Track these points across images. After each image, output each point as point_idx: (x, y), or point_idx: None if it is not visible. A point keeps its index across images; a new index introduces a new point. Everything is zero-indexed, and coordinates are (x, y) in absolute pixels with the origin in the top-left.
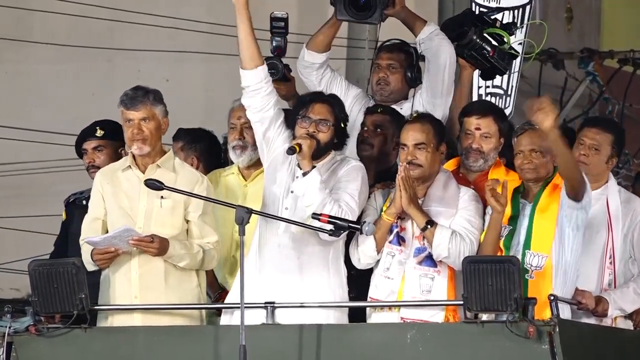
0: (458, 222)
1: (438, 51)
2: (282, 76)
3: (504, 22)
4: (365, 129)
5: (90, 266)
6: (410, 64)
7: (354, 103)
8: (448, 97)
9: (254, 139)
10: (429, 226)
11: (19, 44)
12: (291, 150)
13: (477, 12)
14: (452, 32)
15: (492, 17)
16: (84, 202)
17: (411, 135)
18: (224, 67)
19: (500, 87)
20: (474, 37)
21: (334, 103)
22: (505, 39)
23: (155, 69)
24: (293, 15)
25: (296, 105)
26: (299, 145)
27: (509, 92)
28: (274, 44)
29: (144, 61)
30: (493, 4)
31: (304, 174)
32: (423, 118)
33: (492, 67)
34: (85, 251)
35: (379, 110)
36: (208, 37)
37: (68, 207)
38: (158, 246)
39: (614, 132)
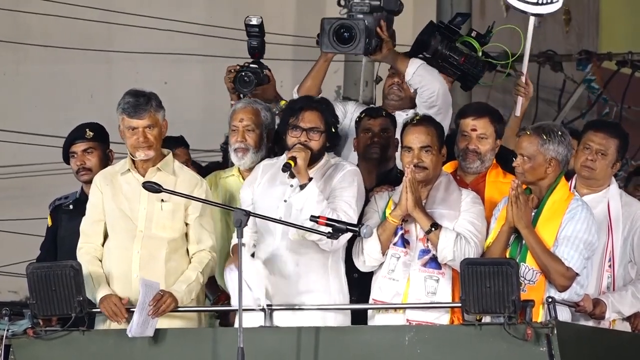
0: (462, 225)
1: (424, 87)
2: (260, 81)
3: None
4: (373, 132)
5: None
6: None
7: (354, 112)
8: (445, 119)
9: (255, 142)
10: (433, 229)
11: (17, 46)
12: (286, 167)
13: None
14: (418, 46)
15: (470, 28)
16: (70, 206)
17: (417, 138)
18: (222, 69)
19: None
20: (439, 48)
21: (324, 109)
22: (476, 48)
23: (154, 71)
24: (291, 16)
25: (285, 112)
26: (294, 159)
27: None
28: (250, 46)
29: (142, 63)
30: None
31: (301, 187)
32: (426, 121)
33: (463, 75)
34: (93, 285)
35: (384, 114)
36: (206, 39)
37: (54, 212)
38: (171, 297)
39: (619, 137)
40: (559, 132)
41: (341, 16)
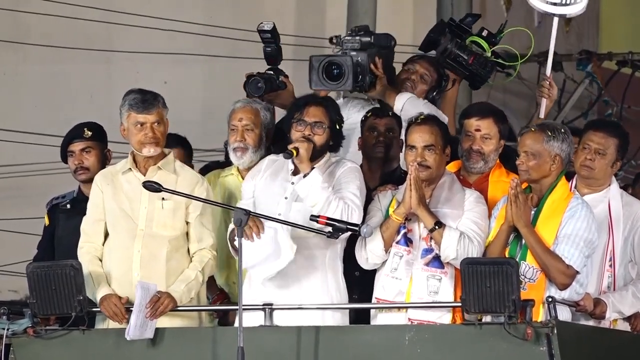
0: (465, 224)
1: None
2: (274, 87)
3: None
4: (378, 131)
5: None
6: (438, 85)
7: (349, 110)
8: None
9: (254, 141)
10: (437, 227)
11: (17, 45)
12: (288, 155)
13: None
14: (427, 44)
15: (481, 27)
16: (68, 206)
17: (420, 137)
18: (222, 68)
19: None
20: (448, 46)
21: (328, 105)
22: (484, 48)
23: (154, 71)
24: (291, 16)
25: (291, 108)
26: (296, 149)
27: None
28: (265, 52)
29: (142, 63)
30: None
31: (305, 176)
32: (430, 120)
33: (471, 75)
34: (94, 284)
35: (390, 114)
36: (206, 39)
37: (51, 212)
38: (169, 297)
39: (619, 137)
40: (562, 130)
41: (330, 53)
